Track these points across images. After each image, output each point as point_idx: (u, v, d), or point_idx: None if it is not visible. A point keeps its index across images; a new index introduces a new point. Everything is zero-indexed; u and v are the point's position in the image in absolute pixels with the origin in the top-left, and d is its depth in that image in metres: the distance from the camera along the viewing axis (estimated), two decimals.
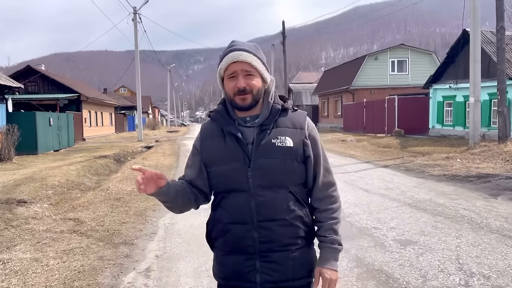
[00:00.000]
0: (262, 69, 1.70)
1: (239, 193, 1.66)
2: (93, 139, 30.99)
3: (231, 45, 1.71)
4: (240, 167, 1.65)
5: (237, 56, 1.65)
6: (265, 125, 1.68)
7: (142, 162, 13.24)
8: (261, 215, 1.64)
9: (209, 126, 1.78)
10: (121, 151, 19.78)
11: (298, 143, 1.67)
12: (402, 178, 8.71)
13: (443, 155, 12.36)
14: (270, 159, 1.63)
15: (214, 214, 1.77)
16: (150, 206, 6.89)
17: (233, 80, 1.67)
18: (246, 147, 1.66)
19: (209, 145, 1.73)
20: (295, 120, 1.72)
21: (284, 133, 1.67)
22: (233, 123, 1.71)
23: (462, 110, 20.07)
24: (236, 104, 1.69)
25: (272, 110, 1.71)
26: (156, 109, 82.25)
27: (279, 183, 1.65)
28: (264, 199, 1.64)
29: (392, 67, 32.01)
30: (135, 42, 27.73)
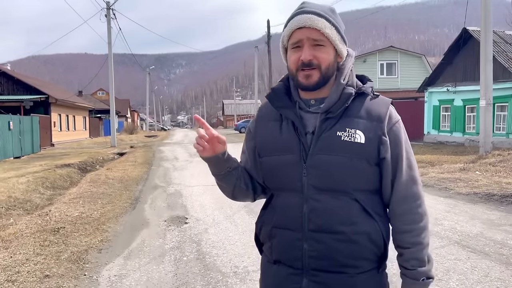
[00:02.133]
0: (336, 38, 1.33)
1: (290, 193, 1.36)
2: (63, 145, 28.78)
3: (300, 7, 1.36)
4: (294, 161, 1.35)
5: (304, 21, 1.31)
6: (331, 112, 1.33)
7: (105, 174, 11.24)
8: (314, 223, 1.32)
9: (266, 107, 1.48)
10: (90, 158, 17.74)
11: (373, 139, 1.31)
12: (426, 199, 6.89)
13: (455, 165, 10.78)
14: (332, 156, 1.30)
15: (263, 214, 1.47)
16: (95, 244, 4.97)
17: (297, 51, 1.34)
18: (304, 137, 1.35)
19: (263, 130, 1.45)
20: (373, 109, 1.34)
21: (355, 124, 1.32)
22: (292, 106, 1.39)
23: (461, 115, 18.70)
24: (298, 81, 1.35)
25: (342, 93, 1.34)
26: (135, 113, 79.73)
27: (340, 187, 1.31)
28: (319, 204, 1.32)
29: (381, 70, 30.70)
30: (108, 39, 25.61)
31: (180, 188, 8.98)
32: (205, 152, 1.36)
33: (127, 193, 8.46)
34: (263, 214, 1.47)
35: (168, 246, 4.89)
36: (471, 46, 17.99)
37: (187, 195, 8.10)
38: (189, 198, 7.78)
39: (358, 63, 30.54)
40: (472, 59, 18.03)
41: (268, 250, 1.45)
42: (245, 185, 1.49)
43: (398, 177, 1.34)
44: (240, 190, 1.49)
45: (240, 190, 1.49)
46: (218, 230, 5.48)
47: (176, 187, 9.16)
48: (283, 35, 1.39)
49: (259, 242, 1.53)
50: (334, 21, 1.34)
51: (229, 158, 1.42)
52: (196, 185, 9.25)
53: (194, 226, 5.78)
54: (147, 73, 55.93)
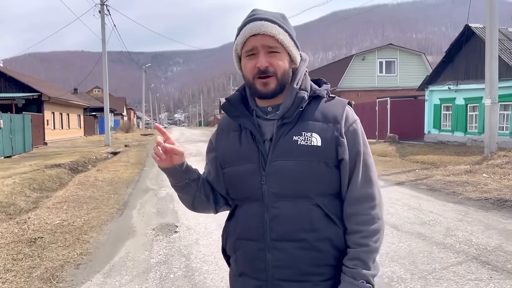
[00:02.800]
0: (290, 44, 1.34)
1: (252, 203, 1.35)
2: (56, 143, 28.26)
3: (251, 14, 1.34)
4: (253, 170, 1.34)
5: (258, 28, 1.30)
6: (287, 117, 1.33)
7: (95, 175, 10.73)
8: (275, 232, 1.30)
9: (227, 118, 1.46)
10: (82, 157, 17.25)
11: (330, 141, 1.30)
12: (434, 204, 6.53)
13: (460, 167, 10.34)
14: (290, 161, 1.29)
15: (227, 225, 1.46)
16: (73, 258, 4.48)
17: (252, 58, 1.33)
18: (262, 145, 1.34)
19: (223, 141, 1.44)
20: (329, 111, 1.34)
21: (311, 127, 1.31)
22: (249, 114, 1.38)
23: (463, 114, 18.26)
24: (256, 89, 1.34)
25: (296, 98, 1.34)
26: (131, 111, 79.05)
27: (300, 192, 1.30)
28: (280, 212, 1.30)
29: (380, 68, 30.26)
30: (102, 36, 25.05)
31: (172, 191, 8.49)
32: (162, 163, 1.33)
33: (116, 197, 7.97)
34: (227, 225, 1.45)
35: (154, 260, 4.42)
36: (473, 44, 17.56)
37: (179, 200, 7.61)
38: (180, 203, 7.23)
39: (357, 61, 30.11)
40: (474, 57, 17.60)
41: (234, 262, 1.43)
42: (206, 197, 1.46)
43: (354, 177, 1.32)
44: (200, 201, 1.46)
45: (200, 202, 1.46)
46: (210, 242, 5.01)
47: (168, 190, 8.68)
48: (236, 43, 1.36)
49: (226, 255, 1.50)
50: (286, 27, 1.33)
51: (188, 170, 1.39)
52: None
53: (184, 236, 5.31)
54: (143, 71, 55.27)
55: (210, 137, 1.52)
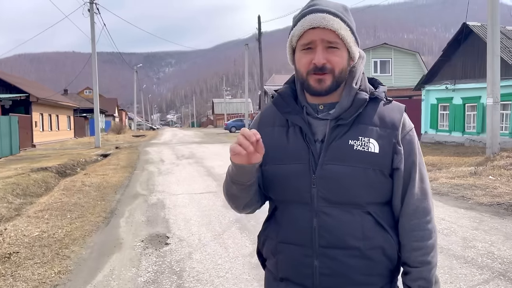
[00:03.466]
0: (351, 40, 1.23)
1: (298, 205, 1.26)
2: (45, 145, 27.60)
3: (311, 4, 1.24)
4: (302, 171, 1.25)
5: (318, 20, 1.19)
6: (343, 119, 1.23)
7: (82, 180, 10.19)
8: (325, 239, 1.23)
9: (271, 111, 1.36)
10: (71, 160, 16.65)
11: (387, 148, 1.22)
12: (444, 211, 6.10)
13: (463, 168, 9.97)
14: (344, 166, 1.21)
15: (266, 227, 1.37)
16: (49, 278, 3.97)
17: (308, 53, 1.22)
18: (313, 145, 1.25)
19: (267, 136, 1.29)
20: (387, 115, 1.25)
21: (368, 132, 1.23)
22: (299, 111, 1.29)
23: (460, 113, 17.96)
24: (309, 86, 1.25)
25: (355, 99, 1.24)
26: (123, 112, 78.27)
27: (353, 200, 1.22)
28: (331, 219, 1.23)
29: (374, 67, 29.98)
30: (91, 35, 24.42)
31: (163, 197, 8.01)
32: (243, 159, 1.18)
33: (103, 204, 7.45)
34: (266, 227, 1.38)
35: (142, 279, 3.93)
36: (471, 42, 17.26)
37: (171, 206, 7.13)
38: (172, 210, 6.81)
39: None
40: (472, 56, 17.32)
41: (273, 266, 1.35)
42: (260, 196, 1.37)
43: (410, 190, 1.27)
44: (252, 202, 1.37)
45: (252, 203, 1.37)
46: (204, 255, 4.53)
47: (159, 196, 8.18)
48: (292, 35, 1.27)
49: (261, 257, 1.43)
50: (348, 21, 1.24)
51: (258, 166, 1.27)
52: (181, 193, 8.27)
53: (175, 248, 4.82)
54: (135, 71, 54.55)
55: (249, 127, 1.36)
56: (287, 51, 1.32)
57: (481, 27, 17.14)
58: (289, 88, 1.35)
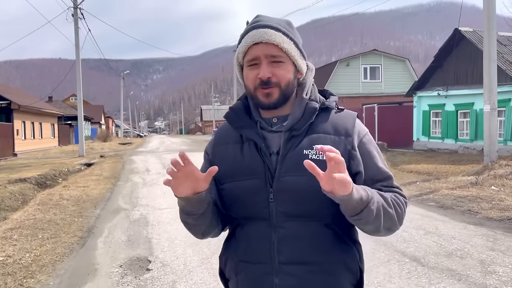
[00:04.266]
0: (295, 53, 1.26)
1: (256, 222, 1.24)
2: (27, 154, 26.74)
3: (254, 21, 1.27)
4: (259, 185, 1.23)
5: (260, 35, 1.22)
6: (296, 129, 1.25)
7: (60, 193, 9.52)
8: (284, 255, 1.21)
9: (225, 129, 1.38)
10: (52, 170, 15.94)
11: (342, 155, 1.12)
12: (452, 227, 5.61)
13: (463, 178, 9.56)
14: (301, 176, 1.18)
15: (227, 246, 1.35)
16: None
17: (254, 68, 1.25)
18: (268, 158, 1.24)
19: (222, 153, 1.33)
20: (339, 123, 1.28)
21: (322, 141, 1.23)
22: (253, 125, 1.29)
23: (453, 120, 17.69)
24: (258, 100, 1.26)
25: (306, 109, 1.28)
26: (109, 119, 77.08)
27: (311, 211, 1.20)
28: (289, 232, 1.21)
29: (364, 74, 29.78)
30: (75, 41, 23.71)
31: (146, 212, 7.41)
32: (180, 191, 1.14)
33: (80, 221, 6.82)
34: (227, 246, 1.35)
35: None
36: (463, 48, 17.04)
37: (154, 223, 6.54)
38: (156, 228, 6.22)
39: (342, 67, 29.54)
40: (464, 62, 17.09)
41: (234, 286, 1.32)
42: (217, 220, 1.30)
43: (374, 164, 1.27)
44: (212, 227, 1.30)
45: (211, 228, 1.30)
46: (191, 285, 3.96)
47: (143, 211, 7.58)
48: (237, 52, 1.29)
49: (224, 278, 1.39)
50: (292, 35, 1.26)
51: (207, 192, 1.21)
52: (166, 208, 7.68)
53: (158, 276, 4.24)
54: (122, 78, 53.70)
55: (205, 148, 1.40)
56: (235, 69, 1.31)
57: (473, 32, 16.94)
58: (242, 103, 1.34)
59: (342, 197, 1.06)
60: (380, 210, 1.15)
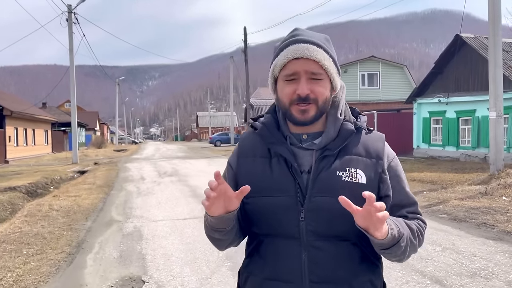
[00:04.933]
0: (333, 71, 1.23)
1: (285, 240, 1.22)
2: (19, 161, 26.21)
3: (294, 34, 1.24)
4: (289, 203, 1.21)
5: (302, 51, 1.19)
6: (329, 149, 1.23)
7: (50, 203, 9.06)
8: (316, 275, 1.20)
9: (251, 140, 1.32)
10: (44, 178, 15.47)
11: (373, 178, 1.22)
12: (470, 242, 5.22)
13: (471, 187, 9.22)
14: (333, 198, 1.14)
15: (249, 262, 1.31)
16: None
17: (292, 83, 1.22)
18: (300, 177, 1.22)
19: (249, 166, 1.28)
20: (370, 145, 1.26)
21: (355, 163, 1.23)
22: (283, 141, 1.26)
23: (454, 127, 17.39)
24: (292, 116, 1.24)
25: (341, 130, 1.25)
26: (104, 125, 76.45)
27: (342, 232, 1.20)
28: (321, 253, 1.20)
29: (362, 80, 29.52)
30: (69, 46, 23.32)
31: (141, 225, 6.98)
32: (214, 210, 1.14)
33: (69, 234, 6.37)
34: (248, 263, 1.31)
35: None
36: (464, 54, 16.79)
37: (149, 237, 6.11)
38: (150, 243, 5.79)
39: None
40: (465, 68, 16.84)
41: None
42: (239, 232, 1.29)
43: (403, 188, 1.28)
44: (234, 240, 1.31)
45: (234, 241, 1.31)
46: None
47: (137, 223, 7.15)
48: (274, 64, 1.26)
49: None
50: (331, 52, 1.25)
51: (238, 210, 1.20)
52: (162, 220, 7.26)
53: None
54: (117, 84, 53.23)
55: (228, 159, 1.36)
56: (269, 79, 1.31)
57: (475, 38, 16.71)
58: (272, 117, 1.32)
59: (375, 239, 1.10)
60: (407, 244, 1.18)
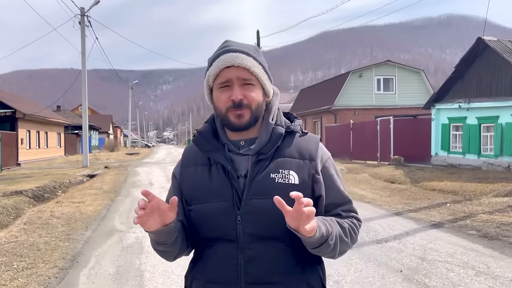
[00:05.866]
0: (264, 77, 1.32)
1: (224, 243, 1.27)
2: (31, 164, 26.18)
3: (224, 46, 1.32)
4: (227, 208, 1.26)
5: (232, 59, 1.27)
6: (263, 153, 1.29)
7: (51, 209, 8.68)
8: (251, 275, 1.25)
9: (192, 150, 1.39)
10: (53, 181, 15.20)
11: (306, 179, 1.29)
12: (507, 265, 4.63)
13: (498, 199, 8.56)
14: (267, 200, 1.20)
15: (192, 267, 1.36)
16: None
17: (226, 90, 1.29)
18: (236, 181, 1.27)
19: (190, 175, 1.34)
20: (304, 147, 1.33)
21: (288, 165, 1.29)
22: (221, 148, 1.32)
23: (475, 134, 16.63)
24: (229, 122, 1.30)
25: (272, 134, 1.32)
26: (118, 129, 76.84)
27: (277, 233, 1.24)
28: (256, 254, 1.25)
29: (378, 85, 28.83)
30: (82, 49, 23.22)
31: (143, 235, 6.53)
32: (149, 225, 1.16)
33: (66, 245, 5.95)
34: (192, 267, 1.36)
35: None
36: (486, 58, 16.08)
37: (150, 250, 5.64)
38: (150, 257, 5.33)
39: (354, 78, 28.67)
40: (488, 72, 16.11)
41: None
42: (186, 241, 1.32)
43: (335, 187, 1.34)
44: (182, 249, 1.32)
45: (182, 249, 1.32)
46: None
47: (139, 233, 6.70)
48: (208, 74, 1.31)
49: None
50: (260, 60, 1.31)
51: (176, 221, 1.24)
52: None
53: None
54: (130, 88, 53.35)
55: (173, 170, 1.41)
56: (204, 90, 1.34)
57: (498, 42, 16.00)
58: (209, 126, 1.36)
59: (304, 237, 1.13)
60: (337, 242, 1.22)
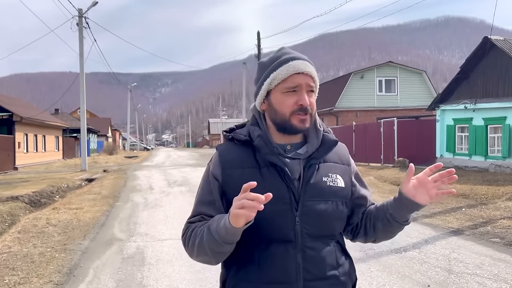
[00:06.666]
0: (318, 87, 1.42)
1: (280, 244, 1.30)
2: (29, 168, 25.78)
3: (286, 52, 1.39)
4: (286, 209, 1.30)
5: (304, 67, 1.34)
6: (315, 158, 1.37)
7: (48, 217, 8.29)
8: (310, 273, 1.30)
9: (233, 152, 1.37)
10: (50, 186, 14.82)
11: (348, 183, 1.41)
12: None
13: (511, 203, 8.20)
14: (322, 202, 1.33)
15: (237, 271, 1.32)
16: None
17: (292, 95, 1.34)
18: (293, 184, 1.32)
19: (238, 178, 1.30)
20: (341, 153, 1.45)
21: (334, 169, 1.39)
22: (275, 151, 1.35)
23: (482, 136, 16.29)
24: (292, 125, 1.34)
25: (324, 140, 1.40)
26: (116, 132, 76.38)
27: (330, 232, 1.36)
28: (313, 252, 1.31)
29: (379, 86, 28.53)
30: (79, 50, 22.87)
31: (144, 245, 6.14)
32: (242, 221, 1.16)
33: (62, 257, 5.56)
34: (236, 272, 1.33)
35: None
36: (493, 58, 15.76)
37: (152, 261, 5.27)
38: (153, 269, 4.95)
39: (356, 79, 28.37)
40: (494, 73, 15.79)
41: None
42: None
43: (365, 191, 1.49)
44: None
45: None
46: None
47: (140, 242, 6.33)
48: (273, 77, 1.35)
49: None
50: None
51: None
52: (168, 239, 6.41)
53: None
54: (129, 90, 52.97)
55: (211, 171, 1.37)
56: (260, 92, 1.38)
57: (505, 41, 15.68)
58: (259, 130, 1.38)
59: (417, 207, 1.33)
60: None
